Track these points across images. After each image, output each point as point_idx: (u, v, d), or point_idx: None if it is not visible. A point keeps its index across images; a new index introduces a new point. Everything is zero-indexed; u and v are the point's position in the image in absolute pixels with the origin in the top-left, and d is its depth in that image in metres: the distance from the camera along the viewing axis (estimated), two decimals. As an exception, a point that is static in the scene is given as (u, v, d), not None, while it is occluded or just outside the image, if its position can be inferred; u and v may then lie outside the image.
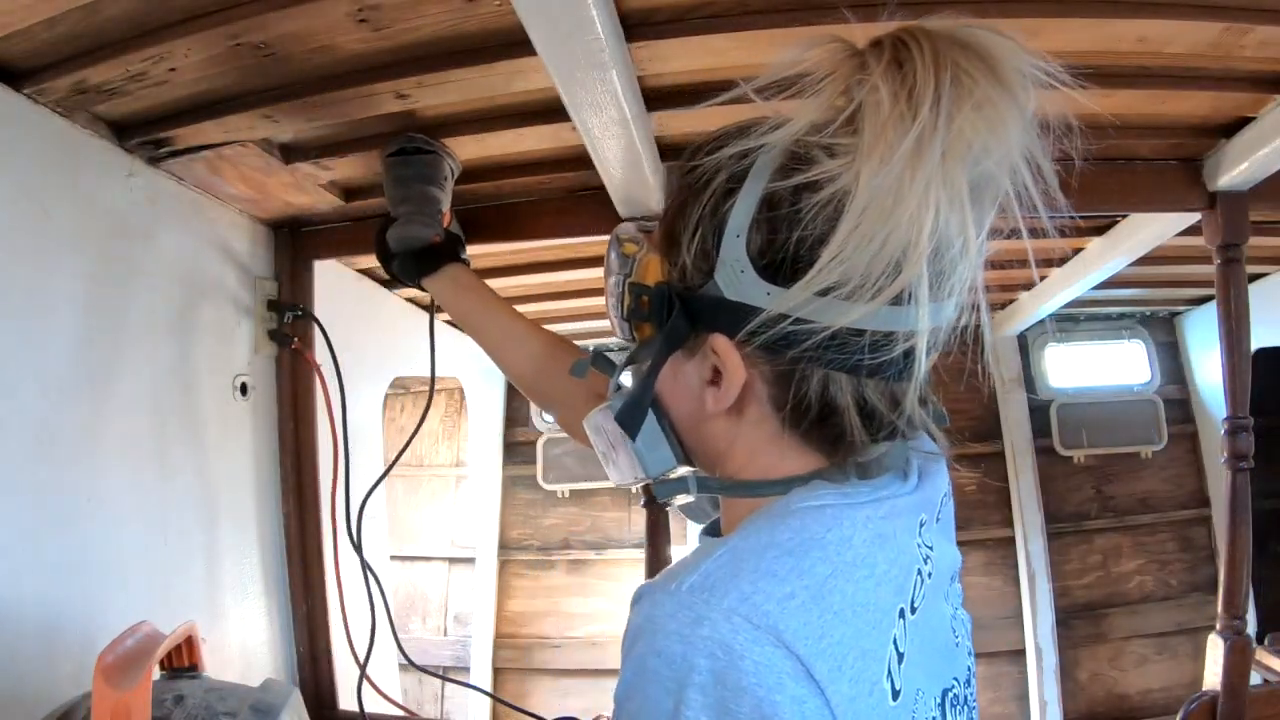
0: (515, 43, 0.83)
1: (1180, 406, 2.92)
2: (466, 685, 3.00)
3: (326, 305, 1.39)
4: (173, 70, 0.88)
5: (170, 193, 1.14)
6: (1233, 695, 1.22)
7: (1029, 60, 0.44)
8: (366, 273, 1.76)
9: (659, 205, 1.17)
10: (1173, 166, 1.25)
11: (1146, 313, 2.91)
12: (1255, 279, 2.14)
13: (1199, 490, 2.90)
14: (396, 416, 3.63)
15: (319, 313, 1.37)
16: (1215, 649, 1.25)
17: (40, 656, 0.89)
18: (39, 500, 0.91)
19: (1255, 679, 1.71)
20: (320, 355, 1.35)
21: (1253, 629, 1.83)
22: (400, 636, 1.36)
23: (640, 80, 0.94)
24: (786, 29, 0.84)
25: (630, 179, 1.07)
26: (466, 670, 3.17)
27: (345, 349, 1.36)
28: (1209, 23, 0.89)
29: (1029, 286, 2.25)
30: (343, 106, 0.98)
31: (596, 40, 0.72)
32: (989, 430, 2.84)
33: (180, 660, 0.87)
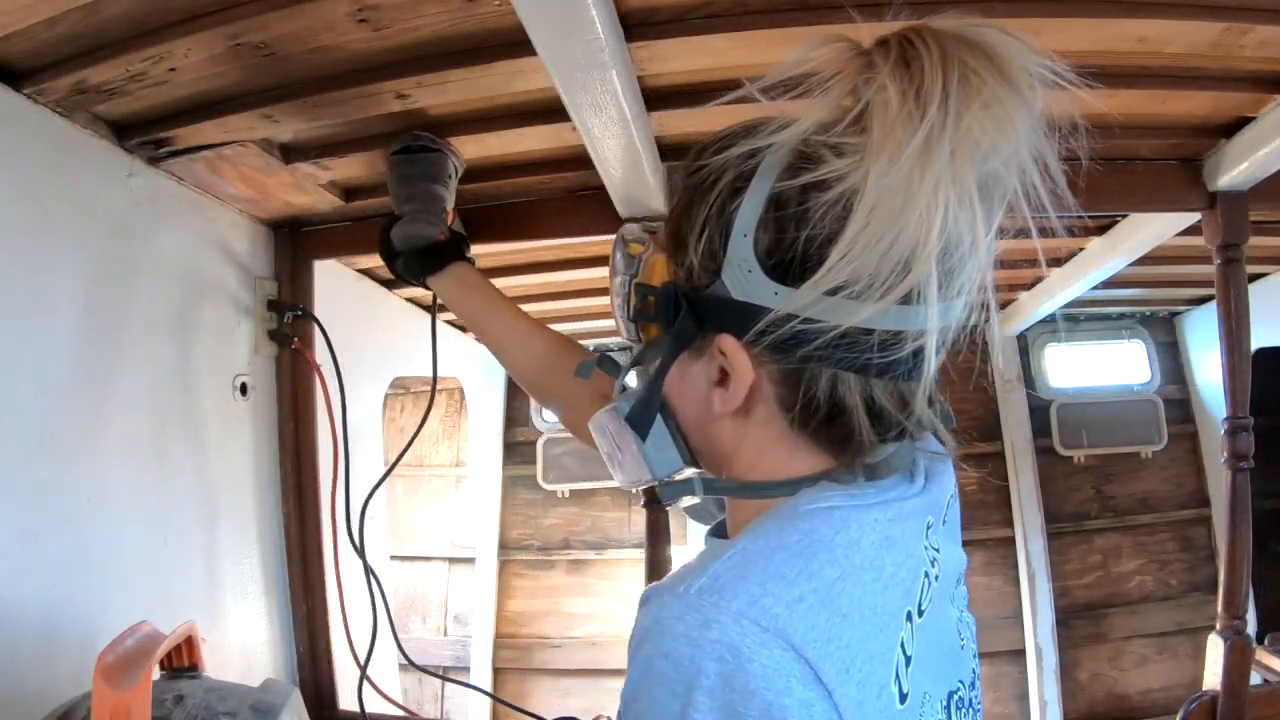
0: (515, 43, 0.83)
1: (1180, 406, 2.92)
2: (466, 685, 3.00)
3: (326, 305, 1.39)
4: (173, 70, 0.88)
5: (170, 193, 1.14)
6: (1233, 695, 1.22)
7: (1035, 59, 0.44)
8: (366, 273, 1.76)
9: (659, 205, 1.17)
10: (1173, 166, 1.25)
11: (1146, 313, 2.91)
12: (1255, 279, 2.14)
13: (1199, 490, 2.90)
14: (396, 416, 3.63)
15: (319, 313, 1.37)
16: (1215, 649, 1.25)
17: (40, 656, 0.89)
18: (39, 500, 0.91)
19: (1255, 679, 1.71)
20: (320, 355, 1.35)
21: (1253, 629, 1.82)
22: (400, 636, 1.36)
23: (640, 80, 0.94)
24: (786, 29, 0.84)
25: (630, 179, 1.07)
26: (466, 670, 3.17)
27: (345, 349, 1.36)
28: (1209, 23, 0.89)
29: (1029, 286, 2.25)
30: (342, 106, 0.98)
31: (596, 40, 0.72)
32: (989, 430, 2.84)
33: (180, 660, 0.87)
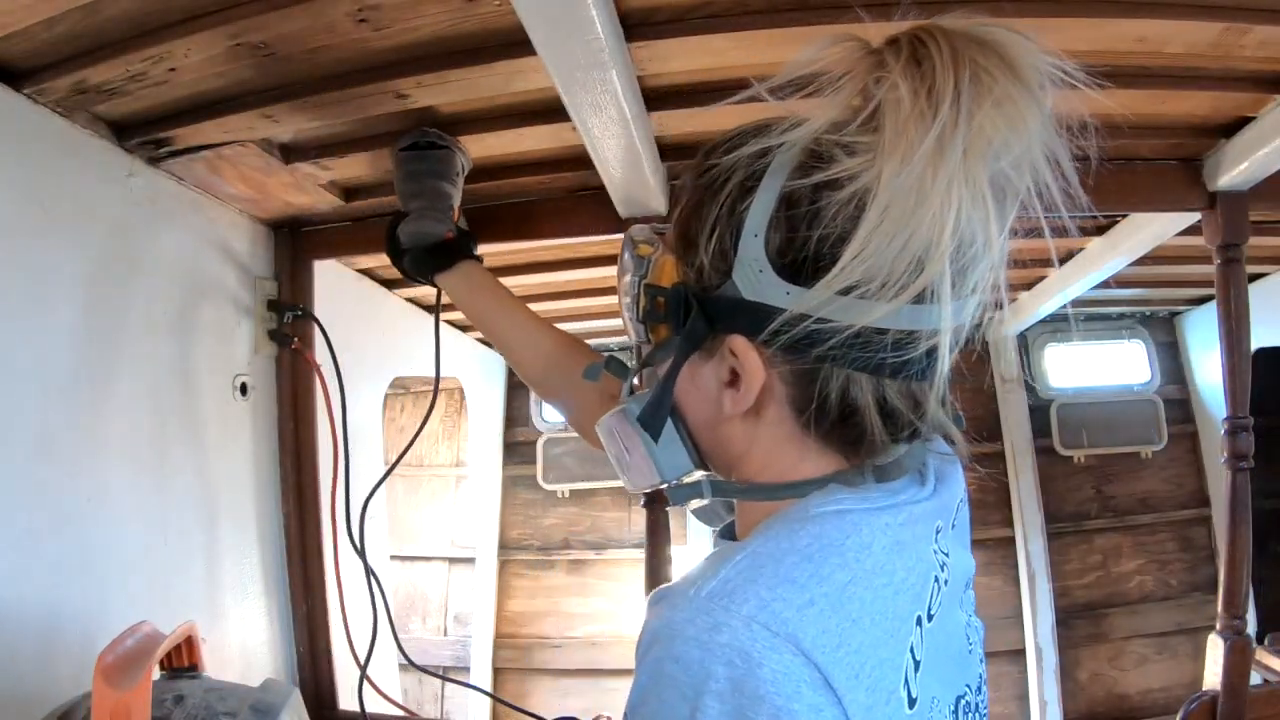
0: (515, 43, 0.83)
1: (1180, 406, 2.92)
2: (466, 685, 3.00)
3: (326, 305, 1.39)
4: (173, 70, 0.88)
5: (170, 193, 1.14)
6: (1233, 695, 1.22)
7: (1045, 58, 0.44)
8: (366, 273, 1.76)
9: (659, 205, 1.17)
10: (1173, 166, 1.25)
11: (1146, 313, 2.91)
12: (1255, 279, 2.14)
13: (1199, 490, 2.90)
14: (396, 416, 3.63)
15: (319, 313, 1.37)
16: (1215, 649, 1.25)
17: (40, 656, 0.89)
18: (39, 500, 0.90)
19: (1255, 679, 1.70)
20: (320, 355, 1.35)
21: (1253, 629, 1.82)
22: (400, 636, 1.36)
23: (640, 80, 0.94)
24: (787, 29, 0.84)
25: (630, 179, 1.07)
26: (466, 670, 3.18)
27: (345, 349, 1.36)
28: (1209, 23, 0.88)
29: (1029, 286, 2.25)
30: (342, 106, 0.98)
31: (596, 40, 0.72)
32: (989, 430, 2.84)
33: (180, 660, 0.87)
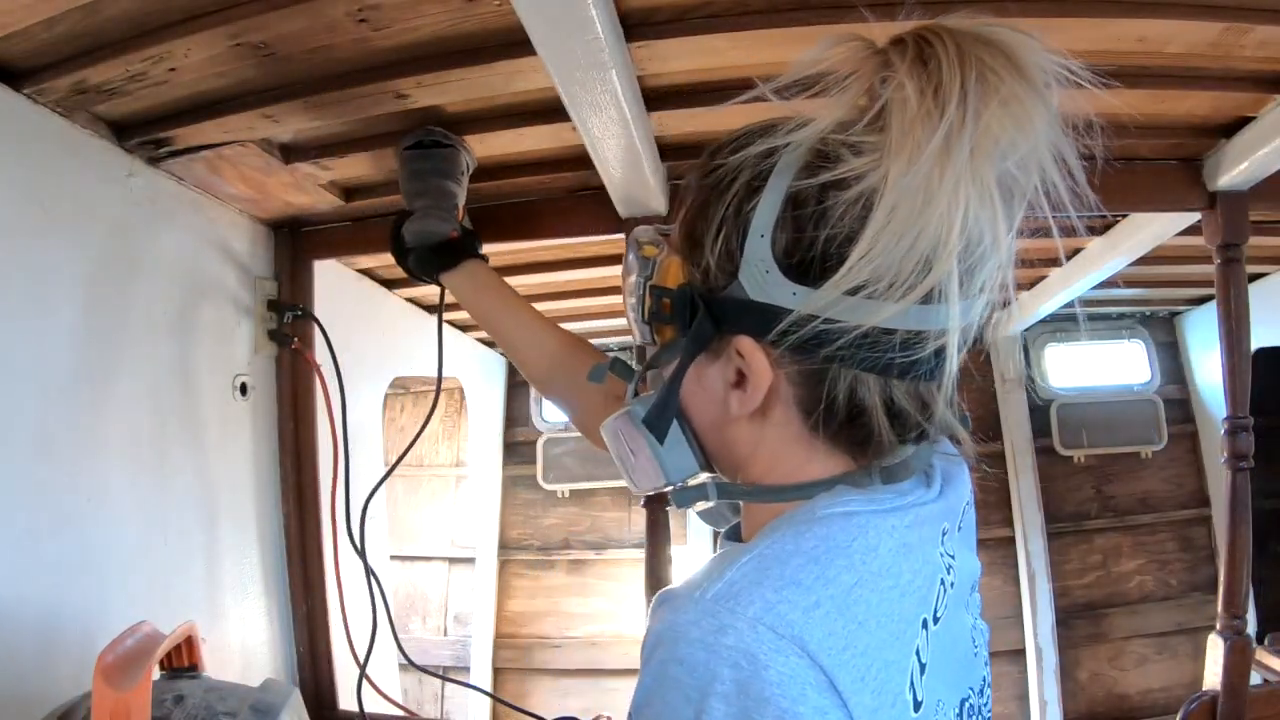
0: (515, 43, 0.83)
1: (1180, 406, 2.92)
2: (466, 685, 3.00)
3: (326, 305, 1.39)
4: (173, 70, 0.88)
5: (170, 193, 1.14)
6: (1233, 695, 1.22)
7: (1050, 57, 0.44)
8: (366, 273, 1.76)
9: (659, 205, 1.17)
10: (1173, 166, 1.25)
11: (1146, 313, 2.91)
12: (1255, 279, 2.14)
13: (1199, 490, 2.90)
14: (396, 416, 3.63)
15: (319, 313, 1.37)
16: (1215, 649, 1.25)
17: (40, 656, 0.89)
18: (39, 500, 0.90)
19: (1255, 679, 1.70)
20: (320, 355, 1.35)
21: (1253, 629, 1.82)
22: (400, 636, 1.36)
23: (640, 80, 0.94)
24: (787, 29, 0.84)
25: (630, 179, 1.07)
26: (466, 670, 3.17)
27: (345, 349, 1.36)
28: (1209, 23, 0.89)
29: (1029, 286, 2.25)
30: (342, 106, 0.98)
31: (596, 40, 0.72)
32: (989, 430, 2.84)
33: (180, 660, 0.87)
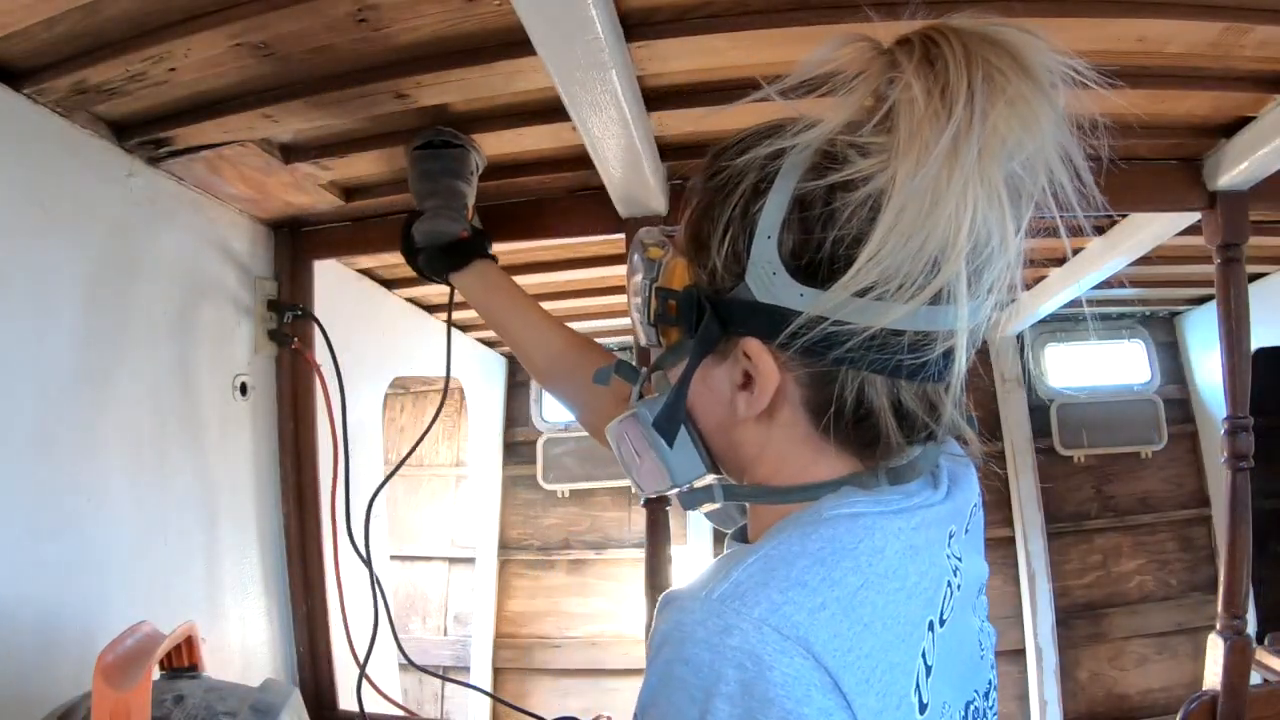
0: (515, 43, 0.83)
1: (1180, 406, 2.92)
2: (466, 685, 3.00)
3: (326, 305, 1.39)
4: (173, 70, 0.88)
5: (170, 193, 1.14)
6: (1233, 695, 1.22)
7: (1056, 57, 0.44)
8: (366, 273, 1.76)
9: (659, 205, 1.17)
10: (1173, 166, 1.25)
11: (1146, 313, 2.91)
12: (1255, 279, 2.14)
13: (1199, 490, 2.90)
14: (396, 416, 3.63)
15: (319, 313, 1.37)
16: (1215, 649, 1.25)
17: (40, 656, 0.89)
18: (39, 500, 0.90)
19: (1255, 679, 1.70)
20: (320, 355, 1.35)
21: (1253, 629, 1.82)
22: (400, 636, 1.36)
23: (640, 80, 0.94)
24: (787, 29, 0.84)
25: (630, 179, 1.07)
26: (466, 670, 3.17)
27: (345, 349, 1.36)
28: (1209, 23, 0.88)
29: (1029, 286, 2.25)
30: (342, 106, 0.98)
31: (596, 40, 0.72)
32: (989, 430, 2.84)
33: (180, 660, 0.87)
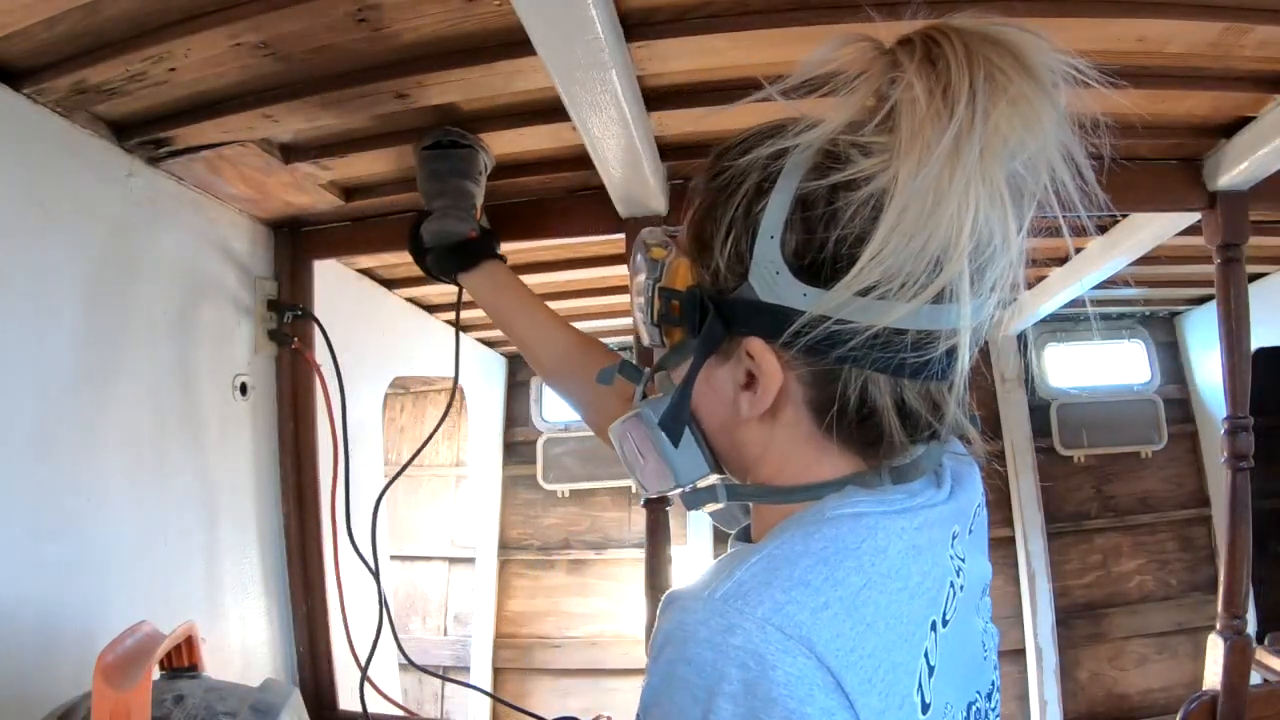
0: (515, 43, 0.83)
1: (1180, 406, 2.92)
2: (466, 685, 3.00)
3: (326, 305, 1.39)
4: (173, 70, 0.88)
5: (170, 193, 1.14)
6: (1233, 695, 1.22)
7: (1057, 57, 0.44)
8: (366, 273, 1.76)
9: (659, 205, 1.17)
10: (1173, 166, 1.25)
11: (1146, 313, 2.91)
12: (1255, 279, 2.14)
13: (1199, 490, 2.90)
14: (396, 416, 3.63)
15: (319, 313, 1.37)
16: (1215, 649, 1.25)
17: (40, 656, 0.89)
18: (39, 500, 0.90)
19: (1255, 679, 1.70)
20: (320, 355, 1.35)
21: (1253, 629, 1.82)
22: (400, 636, 1.36)
23: (640, 80, 0.94)
24: (786, 29, 0.84)
25: (630, 179, 1.07)
26: (466, 670, 3.17)
27: (345, 349, 1.36)
28: (1209, 23, 0.88)
29: (1029, 286, 2.24)
30: (342, 106, 0.98)
31: (596, 40, 0.72)
32: (989, 430, 2.83)
33: (180, 660, 0.87)
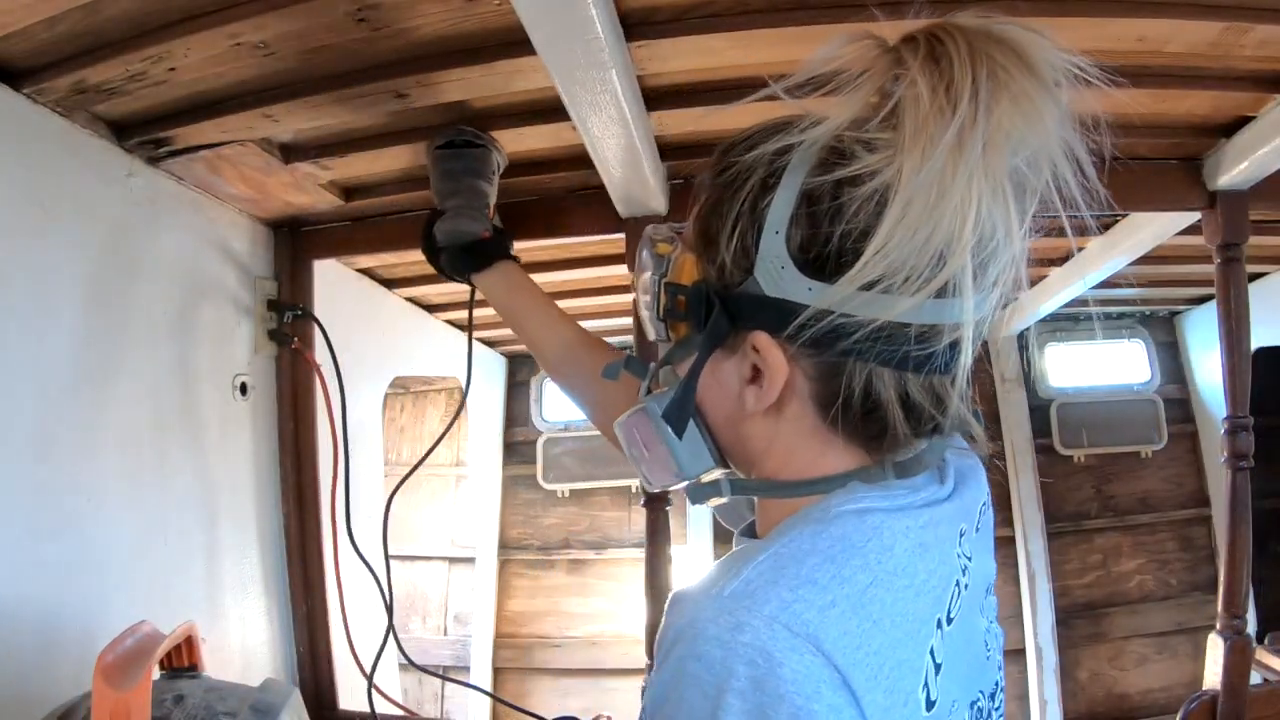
0: (515, 42, 0.83)
1: (1180, 406, 2.92)
2: (466, 685, 3.00)
3: (326, 305, 1.39)
4: (172, 70, 0.88)
5: (170, 193, 1.14)
6: (1233, 695, 1.22)
7: (1060, 55, 0.44)
8: (366, 272, 1.76)
9: (659, 205, 1.17)
10: (1173, 166, 1.25)
11: (1146, 312, 2.91)
12: (1255, 278, 2.14)
13: (1199, 490, 2.90)
14: (396, 416, 3.63)
15: (319, 313, 1.37)
16: (1215, 648, 1.25)
17: (40, 656, 0.89)
18: (39, 500, 0.91)
19: (1255, 679, 1.70)
20: (320, 355, 1.35)
21: (1253, 629, 1.82)
22: (400, 636, 1.36)
23: (640, 80, 0.94)
24: (786, 28, 0.84)
25: (630, 178, 1.07)
26: (466, 670, 3.17)
27: (345, 349, 1.36)
28: (1208, 22, 0.89)
29: (1031, 284, 2.24)
30: (342, 106, 0.98)
31: (596, 40, 0.72)
32: (989, 429, 2.83)
33: (180, 660, 0.87)
